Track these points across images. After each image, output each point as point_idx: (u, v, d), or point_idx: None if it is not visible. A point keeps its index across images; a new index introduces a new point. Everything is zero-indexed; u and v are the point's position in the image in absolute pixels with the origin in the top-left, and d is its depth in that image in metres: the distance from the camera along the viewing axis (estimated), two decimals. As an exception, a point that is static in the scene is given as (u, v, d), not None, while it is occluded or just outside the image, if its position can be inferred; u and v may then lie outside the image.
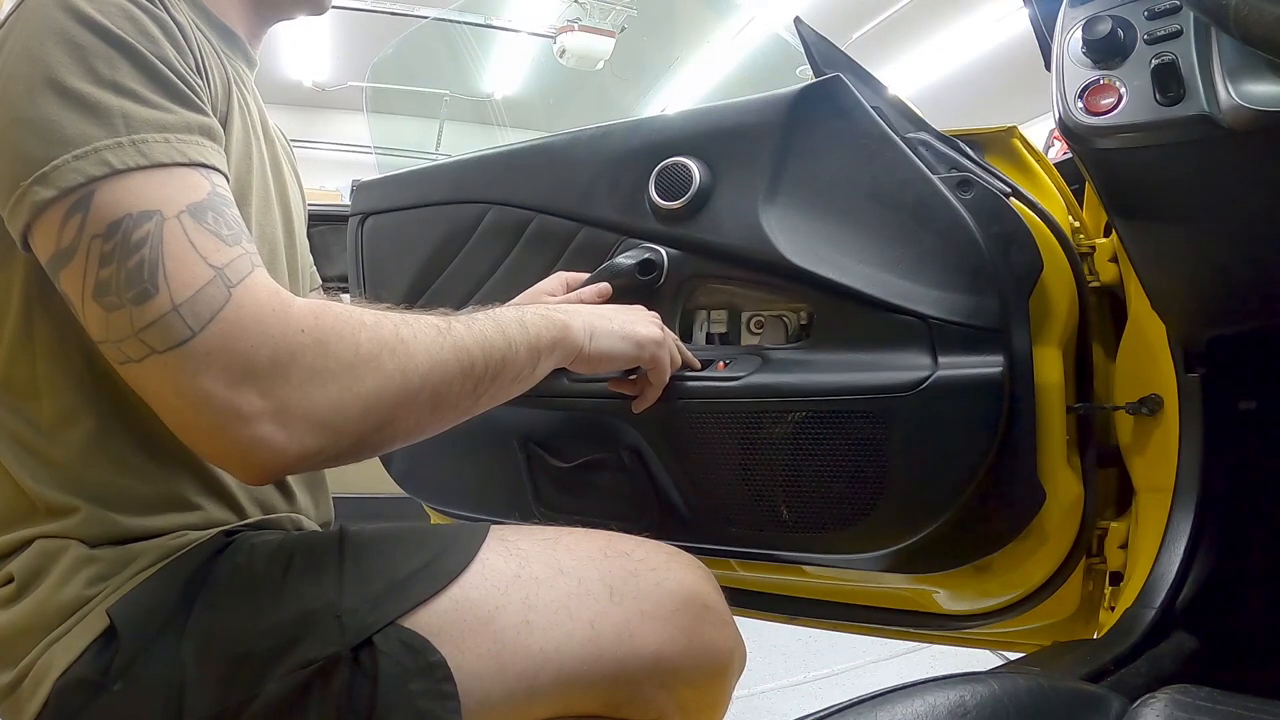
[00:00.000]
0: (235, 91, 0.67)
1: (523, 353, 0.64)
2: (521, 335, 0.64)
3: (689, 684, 0.63)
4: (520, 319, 0.65)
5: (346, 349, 0.53)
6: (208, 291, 0.49)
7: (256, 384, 0.49)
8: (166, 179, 0.51)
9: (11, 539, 0.59)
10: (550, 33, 5.10)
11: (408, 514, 1.09)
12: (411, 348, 0.56)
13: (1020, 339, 0.71)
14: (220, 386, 0.49)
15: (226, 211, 0.53)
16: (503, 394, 0.64)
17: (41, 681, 0.55)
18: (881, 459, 0.72)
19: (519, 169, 0.96)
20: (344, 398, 0.52)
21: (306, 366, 0.51)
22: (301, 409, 0.51)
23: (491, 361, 0.61)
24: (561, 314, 0.69)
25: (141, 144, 0.51)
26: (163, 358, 0.49)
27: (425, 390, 0.56)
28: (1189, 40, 0.55)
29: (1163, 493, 0.74)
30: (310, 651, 0.55)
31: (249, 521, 0.67)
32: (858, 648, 2.10)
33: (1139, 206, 0.64)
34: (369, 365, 0.53)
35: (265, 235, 0.71)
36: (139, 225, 0.49)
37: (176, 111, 0.54)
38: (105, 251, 0.49)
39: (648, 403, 0.79)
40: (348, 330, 0.53)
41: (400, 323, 0.57)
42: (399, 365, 0.55)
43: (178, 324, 0.48)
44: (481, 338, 0.61)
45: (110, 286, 0.49)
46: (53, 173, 0.49)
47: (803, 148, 0.79)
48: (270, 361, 0.50)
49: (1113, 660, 0.65)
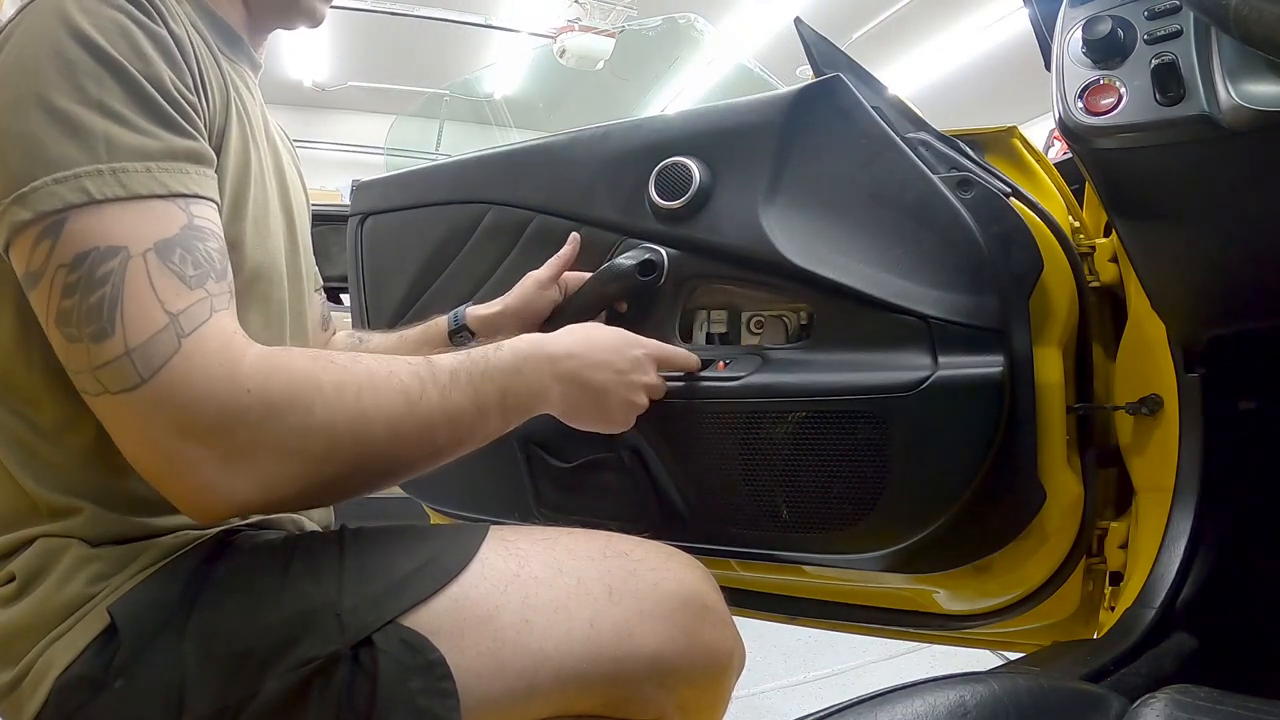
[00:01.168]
0: (234, 101, 0.67)
1: (493, 422, 0.65)
2: (498, 406, 0.65)
3: (688, 683, 0.63)
4: (503, 389, 0.65)
5: (297, 419, 0.53)
6: (159, 339, 0.50)
7: (199, 439, 0.50)
8: (142, 212, 0.52)
9: (13, 538, 0.60)
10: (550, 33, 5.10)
11: (408, 514, 1.09)
12: (371, 418, 0.56)
13: (1021, 339, 0.71)
14: (167, 435, 0.50)
15: (198, 247, 0.53)
16: (463, 453, 0.65)
17: (42, 680, 0.55)
18: (882, 459, 0.72)
19: (519, 169, 0.96)
20: (288, 463, 0.52)
21: (251, 429, 0.51)
22: (244, 464, 0.51)
23: (458, 432, 0.62)
24: (549, 379, 0.69)
25: (121, 173, 0.51)
26: (115, 399, 0.50)
27: (378, 462, 0.57)
28: (1189, 40, 0.55)
29: (1163, 493, 0.74)
30: (310, 650, 0.55)
31: (250, 521, 0.68)
32: (858, 648, 2.10)
33: (1139, 206, 0.64)
34: (320, 437, 0.53)
35: (264, 245, 0.71)
36: (104, 260, 0.50)
37: (162, 137, 0.54)
38: (69, 282, 0.50)
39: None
40: (301, 396, 0.53)
41: (365, 386, 0.56)
42: (354, 438, 0.55)
43: (129, 369, 0.49)
44: (455, 412, 0.61)
45: (71, 318, 0.50)
46: (31, 194, 0.50)
47: (803, 148, 0.79)
48: (213, 420, 0.50)
49: (1113, 660, 0.65)
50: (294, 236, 0.78)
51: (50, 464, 0.60)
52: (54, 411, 0.59)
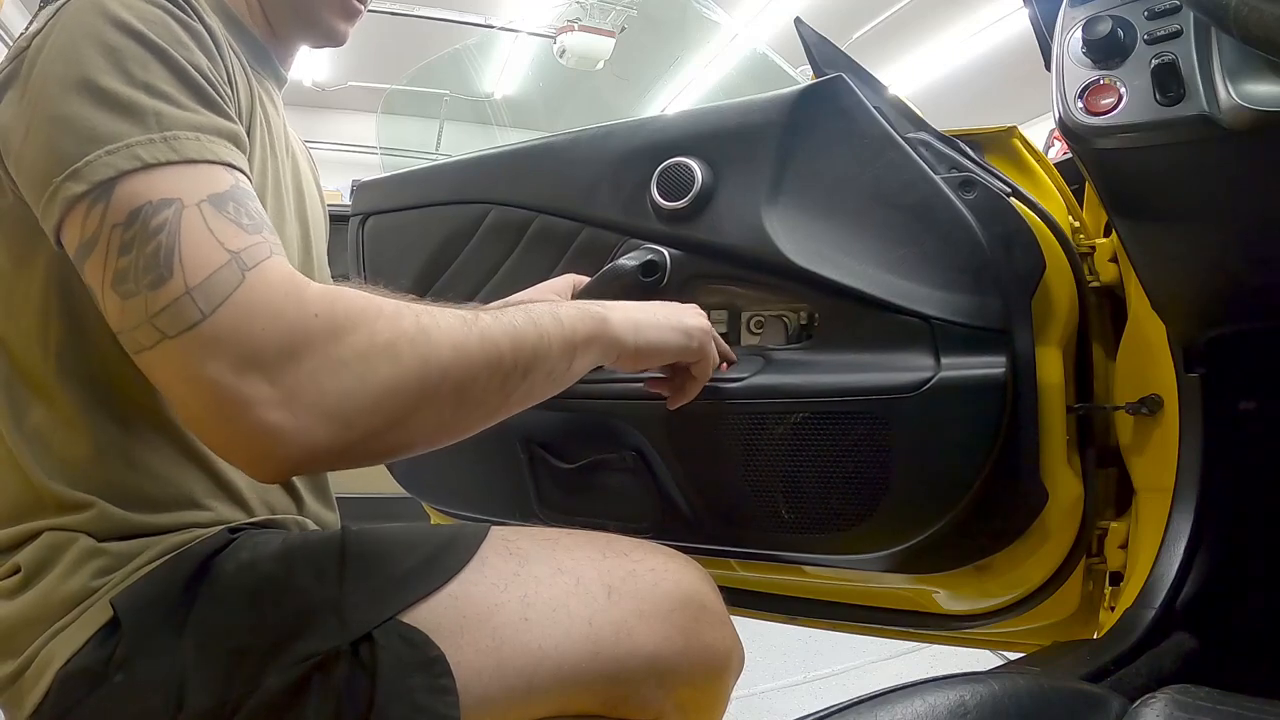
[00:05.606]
0: (258, 111, 0.67)
1: (556, 347, 0.60)
2: (556, 329, 0.60)
3: (687, 684, 0.63)
4: (554, 312, 0.61)
5: (361, 336, 0.50)
6: (221, 275, 0.48)
7: (264, 370, 0.47)
8: (192, 172, 0.51)
9: (19, 530, 0.60)
10: (550, 33, 5.10)
11: (408, 514, 1.09)
12: (433, 337, 0.53)
13: (1023, 339, 0.71)
14: (227, 372, 0.47)
15: (249, 203, 0.53)
16: (536, 392, 0.61)
17: (44, 672, 0.55)
18: (884, 460, 0.72)
19: (520, 169, 0.96)
20: (356, 388, 0.49)
21: (317, 353, 0.49)
22: (310, 397, 0.48)
23: (522, 355, 0.57)
24: (600, 308, 0.65)
25: (174, 140, 0.51)
26: (173, 343, 0.48)
27: (447, 384, 0.53)
28: (1189, 40, 0.55)
29: (1163, 493, 0.74)
30: (310, 646, 0.55)
31: (254, 520, 0.68)
32: (858, 648, 2.10)
33: (1139, 206, 0.64)
34: (384, 354, 0.51)
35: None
36: (158, 212, 0.49)
37: (207, 115, 0.54)
38: (125, 240, 0.49)
39: (687, 398, 0.75)
40: (364, 317, 0.51)
41: (422, 311, 0.54)
42: (418, 355, 0.52)
43: (189, 307, 0.47)
44: (511, 329, 0.57)
45: (128, 274, 0.49)
46: (85, 168, 0.50)
47: (805, 148, 0.79)
48: (280, 346, 0.48)
49: (1113, 660, 0.65)
50: (309, 248, 0.78)
51: (63, 459, 0.60)
52: (67, 404, 0.60)
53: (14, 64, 0.56)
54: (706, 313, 0.85)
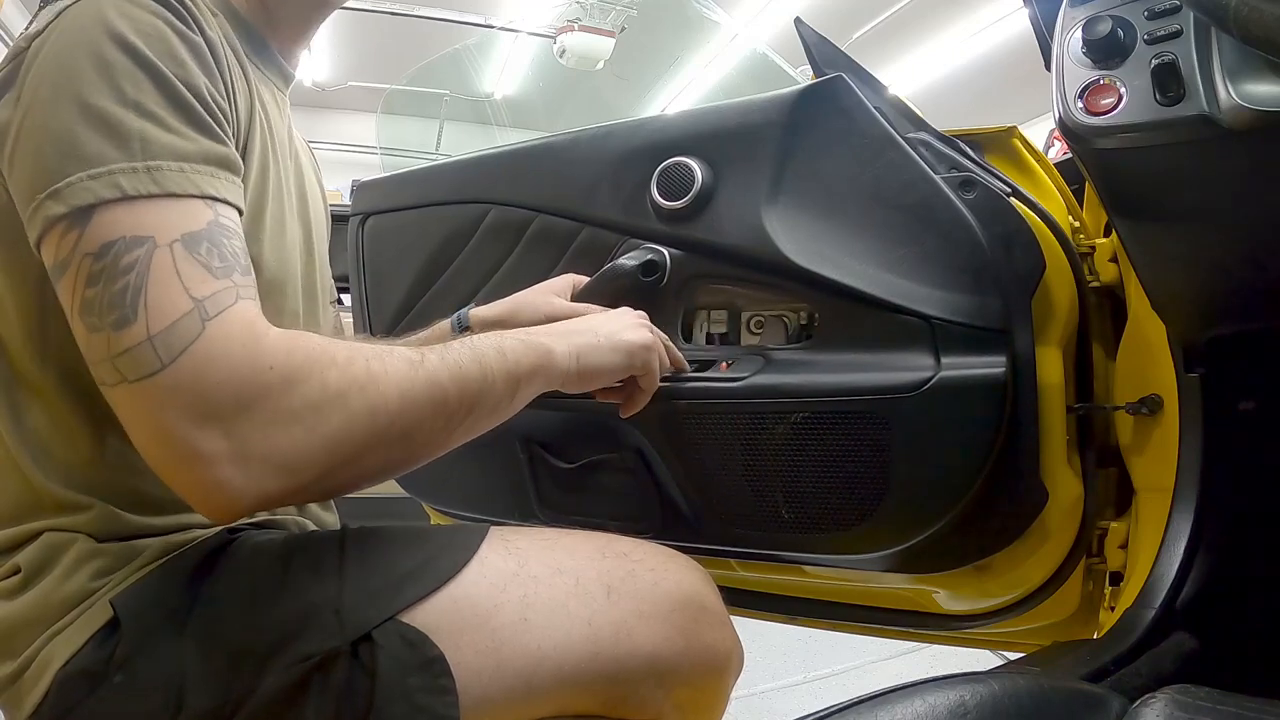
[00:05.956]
0: (258, 114, 0.67)
1: (499, 383, 0.62)
2: (499, 364, 0.62)
3: (686, 684, 0.63)
4: (499, 346, 0.63)
5: (314, 388, 0.52)
6: (183, 324, 0.49)
7: (219, 423, 0.49)
8: (171, 208, 0.52)
9: (19, 531, 0.60)
10: (550, 33, 5.10)
11: (408, 514, 1.09)
12: (382, 385, 0.55)
13: (1023, 339, 0.71)
14: (183, 424, 0.48)
15: (224, 243, 0.53)
16: (479, 426, 0.63)
17: (43, 673, 0.55)
18: (884, 460, 0.72)
19: (520, 169, 0.96)
20: (308, 439, 0.51)
21: (270, 405, 0.50)
22: (262, 451, 0.50)
23: (467, 395, 0.60)
24: (544, 337, 0.67)
25: (155, 171, 0.51)
26: (132, 387, 0.49)
27: (395, 429, 0.55)
28: (1189, 40, 0.55)
29: (1163, 493, 0.74)
30: (310, 646, 0.55)
31: (254, 520, 0.68)
32: (858, 648, 2.10)
33: (1139, 206, 0.64)
34: (335, 404, 0.52)
35: (280, 260, 0.71)
36: (130, 250, 0.50)
37: (195, 140, 0.54)
38: (94, 271, 0.50)
39: (636, 408, 0.78)
40: (317, 368, 0.52)
41: (373, 357, 0.56)
42: (367, 404, 0.53)
43: (149, 355, 0.49)
44: (456, 369, 0.59)
45: (94, 307, 0.50)
46: (65, 189, 0.50)
47: (805, 148, 0.79)
48: (234, 400, 0.49)
49: (1113, 660, 0.65)
50: (310, 250, 0.78)
51: (63, 460, 0.60)
52: (67, 408, 0.60)
53: (12, 65, 0.56)
54: (706, 312, 0.85)
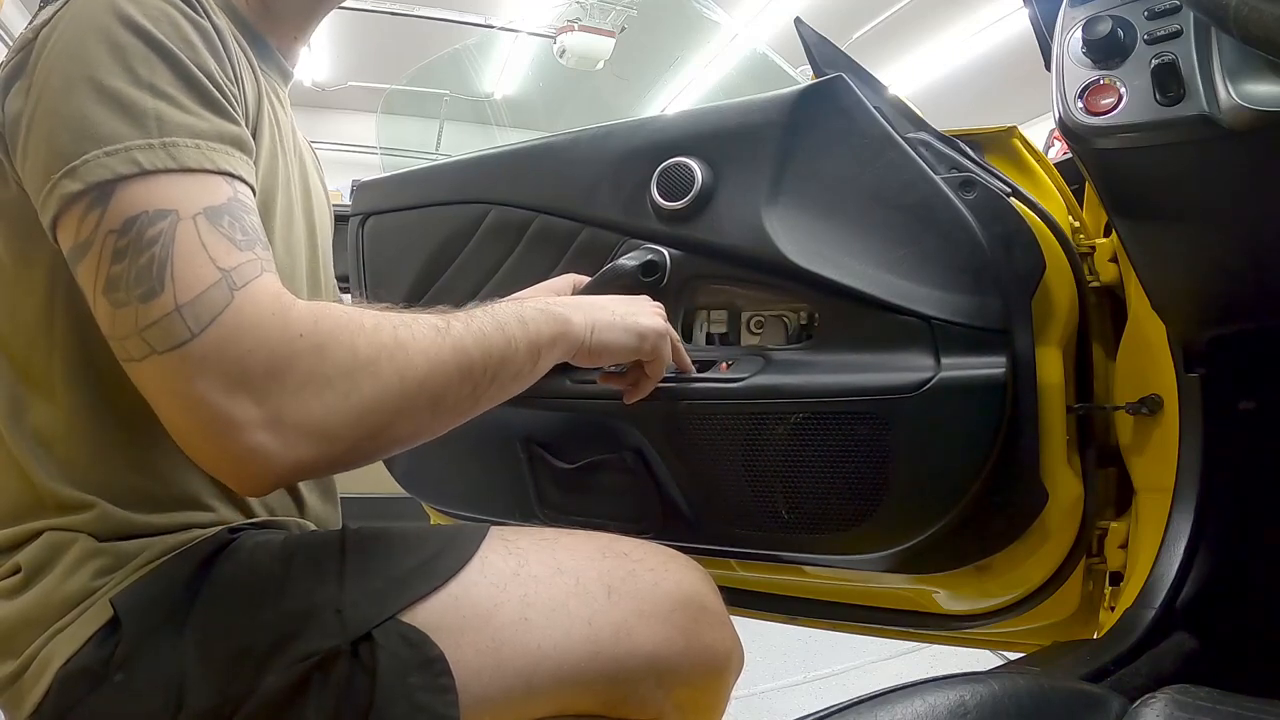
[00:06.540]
0: (266, 106, 0.67)
1: (522, 350, 0.63)
2: (521, 332, 0.63)
3: (686, 684, 0.63)
4: (520, 315, 0.64)
5: (344, 354, 0.52)
6: (211, 294, 0.49)
7: (251, 391, 0.49)
8: (190, 182, 0.52)
9: (20, 530, 0.60)
10: (550, 33, 5.10)
11: (408, 514, 1.10)
12: (410, 351, 0.55)
13: (1023, 340, 0.71)
14: (215, 392, 0.48)
15: (244, 218, 0.53)
16: (502, 393, 0.63)
17: (44, 672, 0.55)
18: (885, 460, 0.72)
19: (520, 169, 0.96)
20: (339, 405, 0.51)
21: (302, 373, 0.50)
22: (295, 418, 0.50)
23: (490, 361, 0.60)
24: (562, 308, 0.68)
25: (172, 147, 0.51)
26: (162, 359, 0.49)
27: (423, 395, 0.56)
28: (1189, 40, 0.55)
29: (1163, 493, 0.74)
30: (310, 645, 0.55)
31: (254, 520, 0.68)
32: (858, 648, 2.10)
33: (1139, 206, 0.64)
34: (366, 371, 0.52)
35: (289, 251, 0.71)
36: (153, 223, 0.50)
37: (210, 119, 0.55)
38: (119, 247, 0.49)
39: (640, 395, 0.78)
40: (345, 335, 0.53)
41: (400, 324, 0.56)
42: (397, 370, 0.54)
43: (178, 325, 0.48)
44: (480, 336, 0.60)
45: (120, 283, 0.49)
46: (82, 167, 0.50)
47: (805, 148, 0.79)
48: (266, 367, 0.49)
49: (1113, 660, 0.65)
50: (315, 247, 0.78)
51: (64, 459, 0.60)
52: (70, 405, 0.60)
53: (21, 55, 0.56)
54: (706, 313, 0.85)
